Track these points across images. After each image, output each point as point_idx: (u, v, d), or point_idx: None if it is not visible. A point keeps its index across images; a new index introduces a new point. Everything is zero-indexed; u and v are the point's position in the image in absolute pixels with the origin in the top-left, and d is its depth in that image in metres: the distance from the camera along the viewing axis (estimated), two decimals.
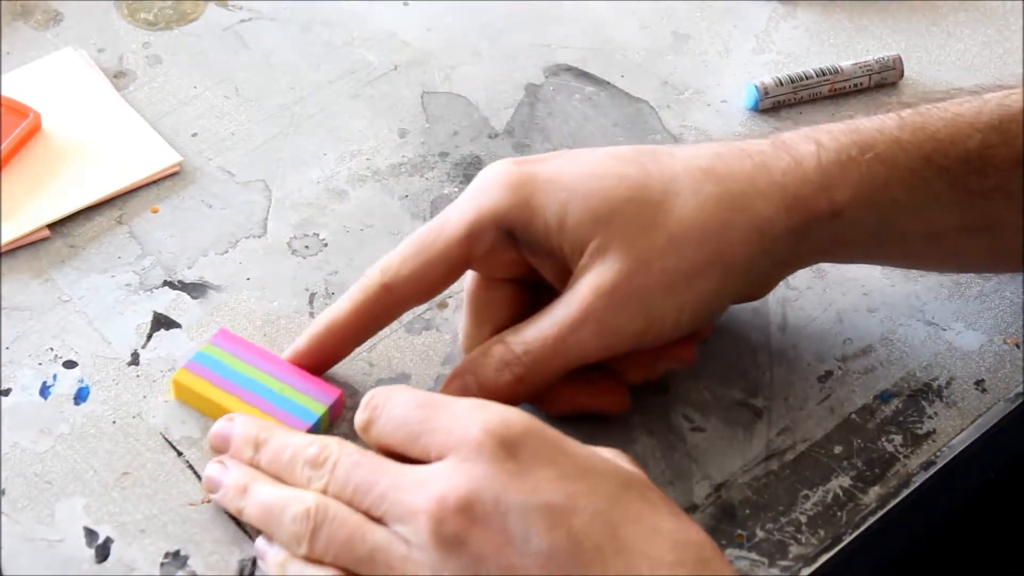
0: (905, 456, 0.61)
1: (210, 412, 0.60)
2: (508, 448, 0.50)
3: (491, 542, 0.49)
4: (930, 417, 0.63)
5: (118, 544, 0.56)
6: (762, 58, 0.78)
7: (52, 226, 0.66)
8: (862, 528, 0.59)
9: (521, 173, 0.58)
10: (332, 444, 0.54)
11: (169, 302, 0.64)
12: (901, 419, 0.62)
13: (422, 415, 0.52)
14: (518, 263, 0.59)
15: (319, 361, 0.60)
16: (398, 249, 0.59)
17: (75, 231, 0.67)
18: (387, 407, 0.53)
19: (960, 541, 0.73)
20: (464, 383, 0.58)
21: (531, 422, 0.51)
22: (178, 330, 0.63)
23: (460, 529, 0.49)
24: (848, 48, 0.79)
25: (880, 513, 0.59)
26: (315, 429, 0.59)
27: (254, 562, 0.56)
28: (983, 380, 0.64)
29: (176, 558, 0.56)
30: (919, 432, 0.62)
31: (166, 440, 0.59)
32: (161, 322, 0.64)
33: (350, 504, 0.52)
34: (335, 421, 0.61)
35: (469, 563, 0.49)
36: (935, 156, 0.58)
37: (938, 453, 0.61)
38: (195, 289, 0.65)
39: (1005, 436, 0.63)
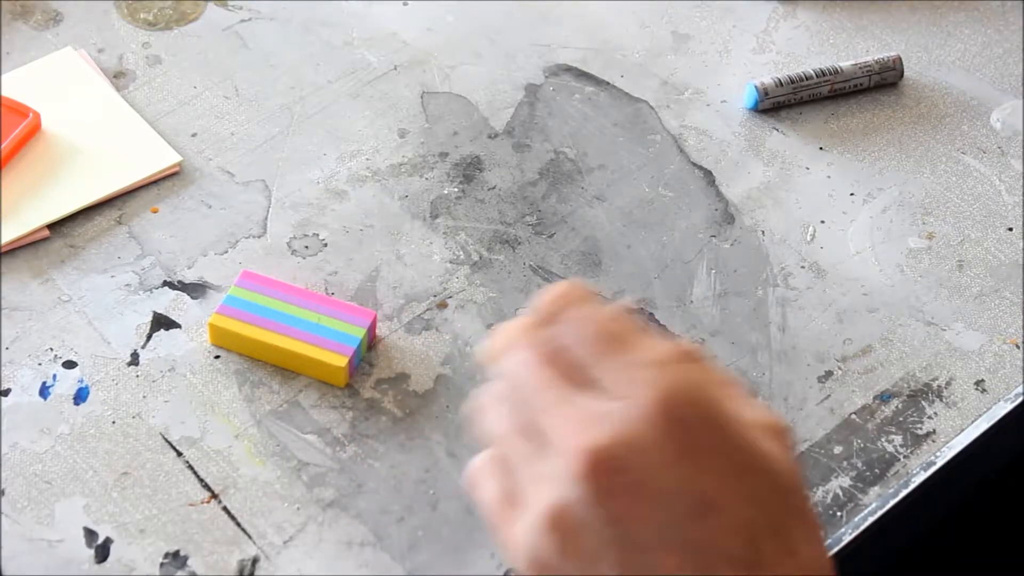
0: (905, 456, 0.61)
1: (251, 351, 0.62)
2: (682, 426, 0.47)
3: (632, 514, 0.47)
4: (930, 417, 0.63)
5: (118, 544, 0.56)
6: (762, 58, 0.78)
7: (52, 226, 0.66)
8: (862, 528, 0.59)
9: None
10: (513, 330, 0.50)
11: (169, 302, 0.64)
12: (901, 419, 0.62)
13: (600, 349, 0.49)
14: None
15: None
16: None
17: (75, 231, 0.67)
18: (574, 316, 0.49)
19: (960, 541, 0.73)
20: None
21: (710, 400, 0.48)
22: (178, 330, 0.63)
23: (609, 487, 0.47)
24: (848, 48, 0.79)
25: (880, 513, 0.59)
26: (357, 352, 0.61)
27: (254, 562, 0.56)
28: (983, 380, 0.64)
29: (176, 558, 0.56)
30: (919, 432, 0.62)
31: (166, 440, 0.59)
32: (161, 322, 0.64)
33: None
34: (374, 342, 0.63)
35: (602, 520, 0.47)
36: None
37: (938, 453, 0.61)
38: (195, 289, 0.65)
39: (1005, 436, 0.63)
